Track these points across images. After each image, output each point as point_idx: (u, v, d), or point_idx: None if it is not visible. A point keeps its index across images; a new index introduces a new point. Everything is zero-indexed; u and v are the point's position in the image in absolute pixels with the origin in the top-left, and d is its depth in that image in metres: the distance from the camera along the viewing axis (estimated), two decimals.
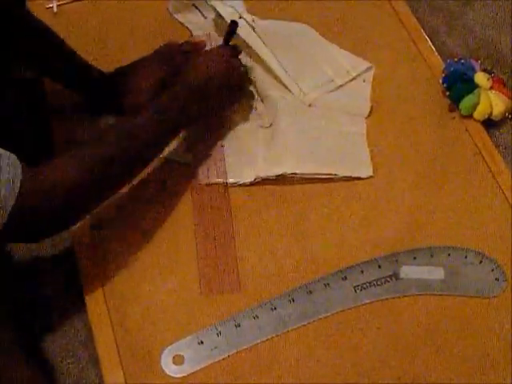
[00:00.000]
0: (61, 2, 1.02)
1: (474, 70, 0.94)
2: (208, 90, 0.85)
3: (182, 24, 1.02)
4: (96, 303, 0.78)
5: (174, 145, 0.87)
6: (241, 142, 0.90)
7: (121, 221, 0.84)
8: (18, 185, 0.64)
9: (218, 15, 0.97)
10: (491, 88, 0.92)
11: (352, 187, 0.88)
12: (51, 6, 1.02)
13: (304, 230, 0.85)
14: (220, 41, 0.93)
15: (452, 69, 0.94)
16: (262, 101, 0.93)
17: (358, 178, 0.88)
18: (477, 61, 0.95)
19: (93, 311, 0.78)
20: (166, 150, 0.85)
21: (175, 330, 0.77)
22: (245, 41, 0.95)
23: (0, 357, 0.71)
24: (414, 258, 0.82)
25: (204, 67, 0.87)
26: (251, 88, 0.94)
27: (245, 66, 0.94)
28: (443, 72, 0.95)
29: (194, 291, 0.79)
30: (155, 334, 0.76)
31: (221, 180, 0.87)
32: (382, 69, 0.97)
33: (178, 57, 0.93)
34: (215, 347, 0.75)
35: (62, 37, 0.86)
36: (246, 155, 0.89)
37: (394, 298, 0.80)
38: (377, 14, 1.02)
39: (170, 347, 0.75)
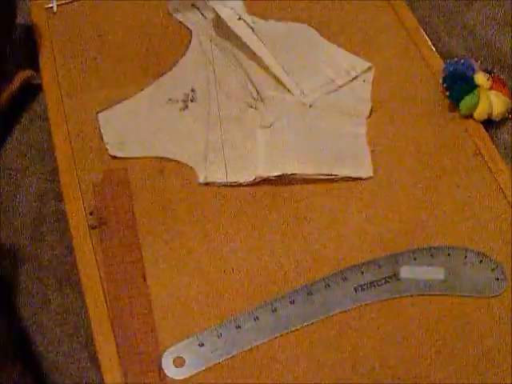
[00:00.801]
0: (61, 2, 1.02)
1: (473, 70, 0.93)
2: None
3: (181, 23, 1.02)
4: (96, 304, 0.78)
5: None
6: (241, 141, 0.90)
7: (120, 220, 0.84)
8: None
9: (218, 15, 0.97)
10: (491, 88, 0.92)
11: (352, 187, 0.88)
12: (51, 5, 1.02)
13: (304, 230, 0.84)
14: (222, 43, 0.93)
15: (452, 69, 0.94)
16: (262, 101, 0.93)
17: (359, 179, 0.88)
18: (477, 61, 0.95)
19: (93, 312, 0.78)
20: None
21: (175, 331, 0.77)
22: (245, 42, 0.95)
23: None
24: (414, 259, 0.82)
25: None
26: (251, 88, 0.94)
27: None
28: (443, 72, 0.94)
29: (195, 292, 0.79)
30: (155, 336, 0.76)
31: (220, 180, 0.87)
32: (382, 69, 0.97)
33: None
34: (216, 349, 0.76)
35: (62, 37, 0.86)
36: (245, 155, 0.89)
37: (394, 298, 0.80)
38: (377, 14, 1.02)
39: (170, 349, 0.75)
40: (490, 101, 0.92)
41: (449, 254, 0.82)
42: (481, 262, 0.82)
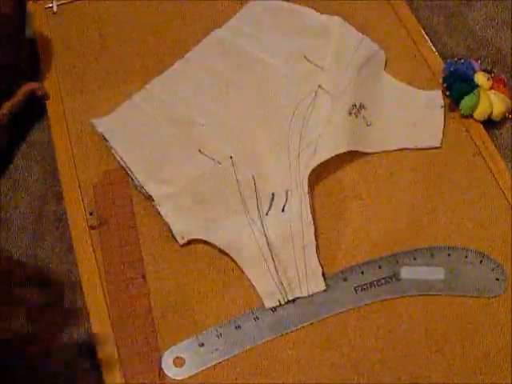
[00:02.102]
0: (61, 2, 1.02)
1: (473, 70, 0.93)
2: None
3: (181, 23, 1.01)
4: (96, 303, 0.78)
5: None
6: None
7: (120, 220, 0.84)
8: None
9: None
10: (491, 88, 0.92)
11: (352, 187, 0.88)
12: (51, 5, 1.02)
13: None
14: None
15: (452, 69, 0.94)
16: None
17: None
18: (477, 61, 0.95)
19: (93, 312, 0.78)
20: None
21: (175, 331, 0.77)
22: None
23: None
24: (415, 259, 0.82)
25: None
26: None
27: None
28: (443, 72, 0.94)
29: (195, 292, 0.80)
30: (155, 336, 0.76)
31: None
32: None
33: None
34: (216, 349, 0.76)
35: (62, 37, 0.86)
36: None
37: (394, 298, 0.80)
38: (377, 14, 1.02)
39: (170, 349, 0.76)
40: (490, 101, 0.92)
41: (449, 254, 0.82)
42: (481, 262, 0.82)
